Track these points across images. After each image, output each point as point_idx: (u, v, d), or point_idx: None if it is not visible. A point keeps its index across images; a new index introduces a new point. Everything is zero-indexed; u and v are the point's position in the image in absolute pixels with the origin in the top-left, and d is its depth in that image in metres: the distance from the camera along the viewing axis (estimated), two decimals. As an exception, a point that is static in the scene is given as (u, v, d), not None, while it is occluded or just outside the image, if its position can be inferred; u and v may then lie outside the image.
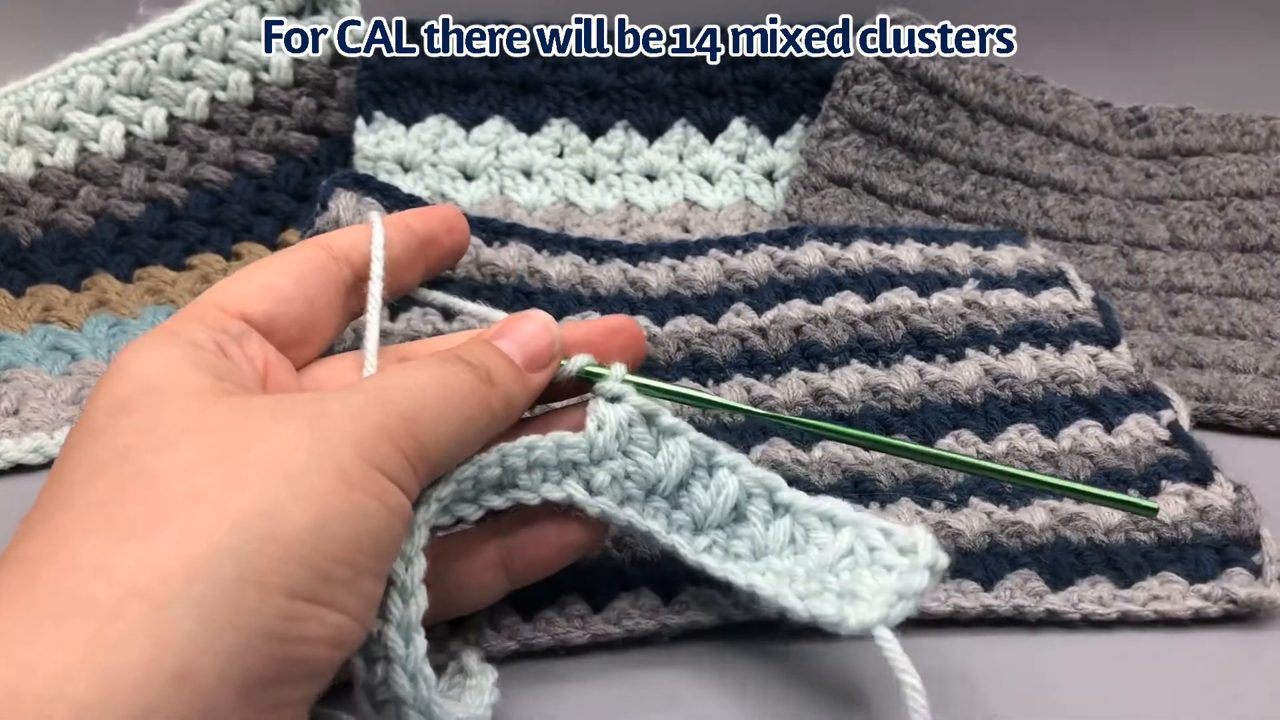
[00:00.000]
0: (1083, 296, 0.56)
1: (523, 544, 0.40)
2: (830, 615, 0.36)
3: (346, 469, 0.30)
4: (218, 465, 0.30)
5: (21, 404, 0.55)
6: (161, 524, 0.28)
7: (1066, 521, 0.46)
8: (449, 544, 0.40)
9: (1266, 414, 0.56)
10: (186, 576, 0.27)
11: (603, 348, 0.42)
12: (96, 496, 0.29)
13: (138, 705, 0.26)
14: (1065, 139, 0.71)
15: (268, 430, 0.31)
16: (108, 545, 0.28)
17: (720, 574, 0.39)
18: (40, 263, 0.63)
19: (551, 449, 0.39)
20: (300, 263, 0.39)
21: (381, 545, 0.31)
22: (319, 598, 0.29)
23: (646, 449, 0.40)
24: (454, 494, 0.37)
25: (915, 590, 0.36)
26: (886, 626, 0.36)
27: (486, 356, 0.37)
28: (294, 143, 0.68)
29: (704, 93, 0.70)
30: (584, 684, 0.42)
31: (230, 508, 0.29)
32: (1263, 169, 0.71)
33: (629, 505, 0.40)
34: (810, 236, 0.57)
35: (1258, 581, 0.44)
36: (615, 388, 0.41)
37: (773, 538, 0.40)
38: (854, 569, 0.38)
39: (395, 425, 0.32)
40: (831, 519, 0.39)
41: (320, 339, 0.39)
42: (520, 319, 0.40)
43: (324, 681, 0.30)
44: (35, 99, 0.65)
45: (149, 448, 0.30)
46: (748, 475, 0.41)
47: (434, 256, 0.44)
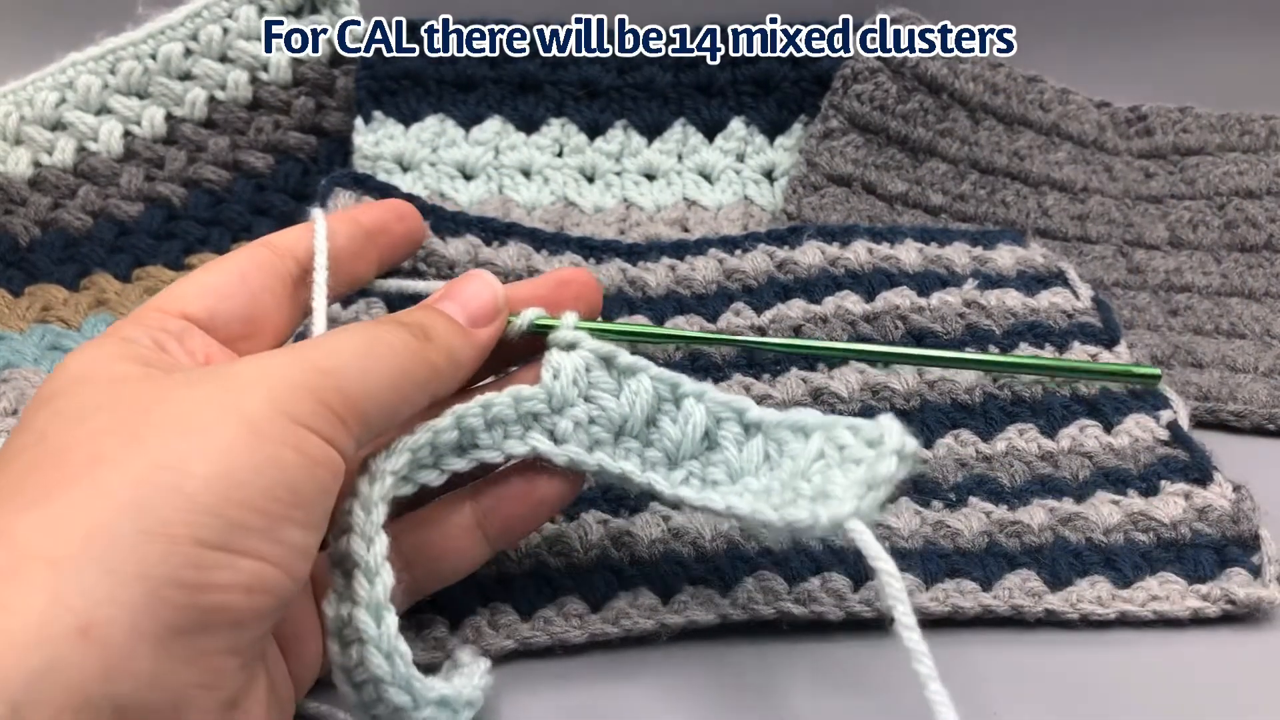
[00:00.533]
0: (1082, 296, 0.56)
1: (496, 504, 0.40)
2: (803, 519, 0.35)
3: (255, 420, 0.31)
4: (121, 430, 0.30)
5: (20, 403, 0.54)
6: (63, 489, 0.29)
7: (1065, 521, 0.46)
8: (423, 514, 0.40)
9: (1266, 413, 0.56)
10: (85, 535, 0.27)
11: (554, 300, 0.42)
12: (10, 478, 0.30)
13: (37, 660, 0.26)
14: (1065, 138, 0.71)
15: (175, 395, 0.31)
16: (10, 514, 0.28)
17: (700, 503, 0.39)
18: (39, 262, 0.63)
19: (509, 404, 0.39)
20: (242, 260, 0.39)
21: (303, 495, 0.31)
22: (230, 545, 0.29)
23: (608, 391, 0.40)
24: (409, 464, 0.37)
25: (884, 477, 0.35)
26: (859, 519, 0.35)
27: (423, 316, 0.38)
28: (293, 142, 0.68)
29: (703, 92, 0.70)
30: (582, 684, 0.42)
31: (132, 466, 0.29)
32: (1262, 168, 0.71)
33: (599, 450, 0.40)
34: (809, 236, 0.57)
35: (1257, 582, 0.44)
36: (568, 335, 0.40)
37: (747, 459, 0.40)
38: (825, 470, 0.37)
39: (314, 379, 0.32)
40: (803, 428, 0.39)
41: (269, 333, 0.40)
42: (462, 279, 0.40)
43: (250, 631, 0.30)
44: (34, 98, 0.65)
45: (61, 426, 0.31)
46: (714, 401, 0.40)
47: (385, 245, 0.44)
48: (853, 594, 0.44)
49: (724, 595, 0.43)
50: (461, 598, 0.42)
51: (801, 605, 0.43)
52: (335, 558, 0.35)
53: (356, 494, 0.35)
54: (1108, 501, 0.47)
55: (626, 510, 0.46)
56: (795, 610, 0.43)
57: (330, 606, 0.34)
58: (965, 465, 0.49)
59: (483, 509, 0.40)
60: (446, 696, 0.36)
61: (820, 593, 0.44)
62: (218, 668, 0.30)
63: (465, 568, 0.41)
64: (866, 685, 0.42)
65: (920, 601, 0.43)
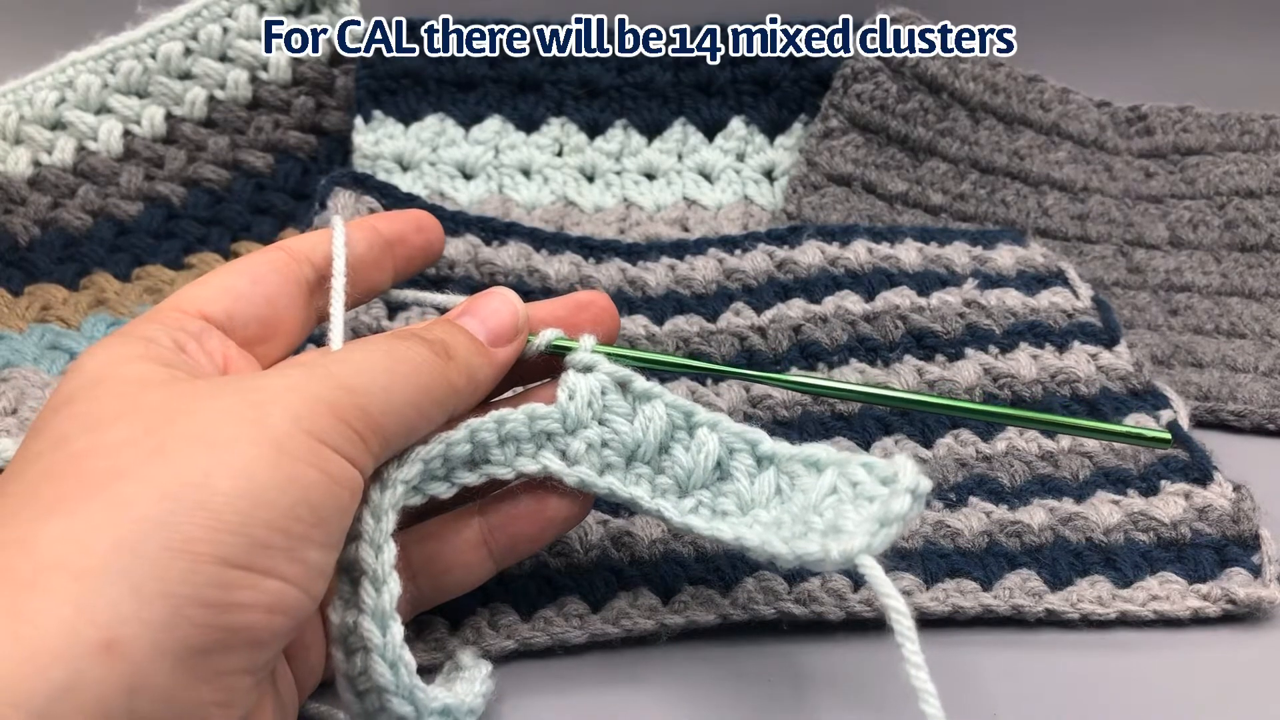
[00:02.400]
0: (1082, 296, 0.56)
1: (503, 521, 0.40)
2: (814, 553, 0.35)
3: (279, 438, 0.30)
4: (144, 441, 0.30)
5: (20, 403, 0.54)
6: (86, 499, 0.28)
7: (1065, 521, 0.46)
8: (430, 527, 0.40)
9: (1266, 413, 0.56)
10: (111, 548, 0.27)
11: (572, 323, 0.42)
12: (28, 482, 0.30)
13: (59, 675, 0.26)
14: (1065, 138, 0.71)
15: (199, 406, 0.31)
16: (30, 521, 0.28)
17: (708, 533, 0.39)
18: (39, 261, 0.63)
19: (524, 421, 0.39)
20: (259, 264, 0.39)
21: (323, 514, 0.31)
22: (254, 565, 0.29)
23: (622, 415, 0.40)
24: (421, 474, 0.37)
25: (897, 515, 0.36)
26: (870, 554, 0.35)
27: (444, 332, 0.38)
28: (293, 142, 0.68)
29: (703, 92, 0.70)
30: (582, 684, 0.42)
31: (156, 479, 0.29)
32: (1262, 168, 0.71)
33: (610, 473, 0.40)
34: (809, 236, 0.57)
35: (1257, 581, 0.44)
36: (586, 358, 0.41)
37: (758, 490, 0.40)
38: (838, 505, 0.37)
39: (337, 396, 0.32)
40: (815, 463, 0.39)
41: (284, 337, 0.39)
42: (483, 296, 0.40)
43: (268, 651, 0.30)
44: (33, 98, 0.64)
45: (81, 432, 0.30)
46: (728, 431, 0.40)
47: (403, 256, 0.44)
48: (853, 594, 0.44)
49: (724, 595, 0.43)
50: (462, 598, 0.42)
51: (801, 605, 0.43)
52: (343, 564, 0.34)
53: (367, 501, 0.35)
54: (1108, 501, 0.47)
55: (626, 511, 0.46)
56: (795, 610, 0.43)
57: (335, 613, 0.34)
58: (965, 465, 0.49)
59: (490, 525, 0.40)
60: (449, 706, 0.36)
61: (820, 593, 0.44)
62: (234, 686, 0.29)
63: (469, 583, 0.41)
64: (866, 685, 0.42)
65: (921, 601, 0.43)
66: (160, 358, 0.34)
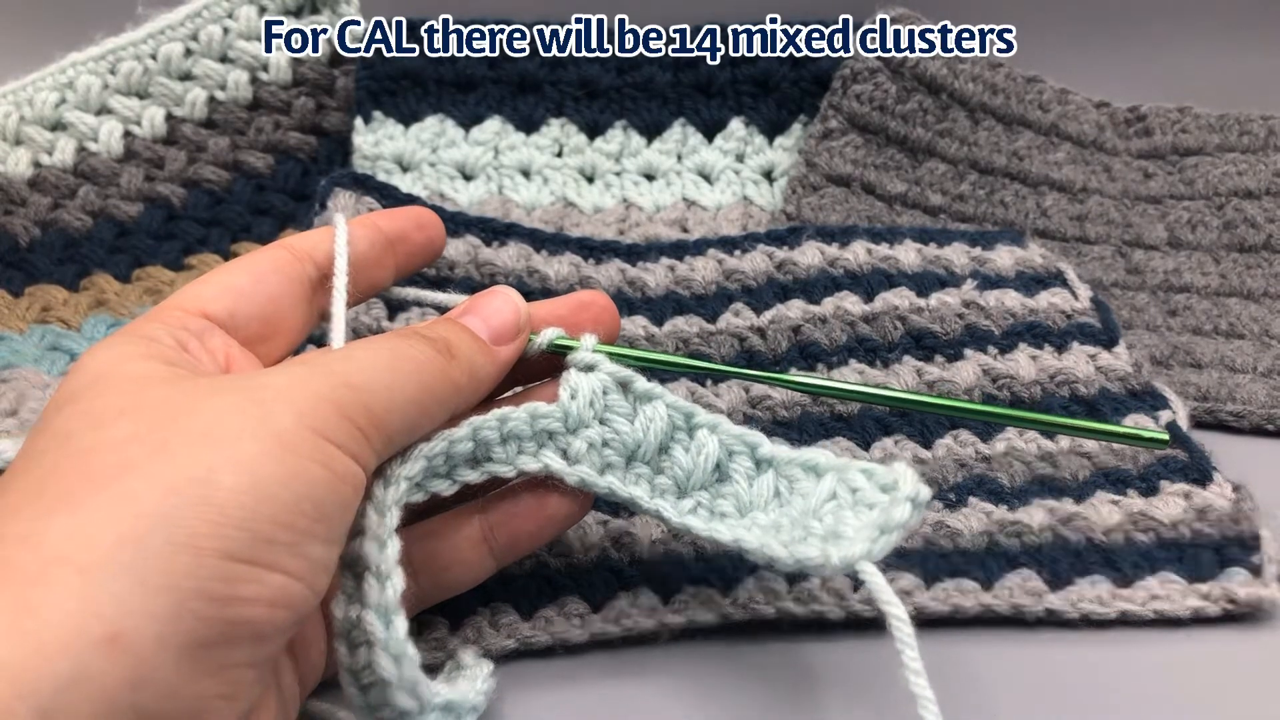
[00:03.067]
0: (1081, 297, 0.56)
1: (504, 519, 0.40)
2: (814, 558, 0.36)
3: (283, 434, 0.31)
4: (148, 437, 0.30)
5: (20, 404, 0.54)
6: (90, 495, 0.29)
7: (1066, 521, 0.46)
8: (431, 524, 0.40)
9: (1265, 414, 0.56)
10: (115, 542, 0.27)
11: (573, 322, 0.42)
12: (33, 478, 0.30)
13: (65, 668, 0.26)
14: (1064, 139, 0.71)
15: (202, 403, 0.31)
16: (36, 516, 0.28)
17: (706, 534, 0.39)
18: (39, 262, 0.63)
19: (525, 420, 0.39)
20: (261, 262, 0.39)
21: (326, 510, 0.31)
22: (258, 559, 0.29)
23: (623, 415, 0.40)
24: (424, 471, 0.37)
25: (897, 523, 0.36)
26: (870, 561, 0.35)
27: (447, 331, 0.38)
28: (293, 142, 0.68)
29: (703, 92, 0.70)
30: (583, 683, 0.42)
31: (160, 475, 0.29)
32: (1261, 169, 0.71)
33: (610, 473, 0.40)
34: (809, 236, 0.57)
35: (1257, 581, 0.44)
36: (587, 357, 0.41)
37: (757, 493, 0.40)
38: (837, 511, 0.38)
39: (341, 394, 0.32)
40: (814, 468, 0.39)
41: (287, 335, 0.40)
42: (485, 295, 0.41)
43: (271, 645, 0.31)
44: (34, 98, 0.64)
45: (85, 429, 0.31)
46: (728, 434, 0.41)
47: (404, 254, 0.44)
48: (853, 593, 0.44)
49: (724, 595, 0.43)
50: (462, 598, 0.42)
51: (802, 605, 0.43)
52: (346, 560, 0.34)
53: (370, 497, 0.35)
54: (1107, 502, 0.47)
55: (626, 511, 0.46)
56: (795, 610, 0.43)
57: (339, 608, 0.34)
58: (965, 466, 0.49)
59: (491, 523, 0.40)
60: (452, 701, 0.36)
61: (820, 592, 0.44)
62: (237, 679, 0.30)
63: (469, 580, 0.41)
64: (867, 684, 0.42)
65: (921, 601, 0.43)
66: (163, 356, 0.34)
